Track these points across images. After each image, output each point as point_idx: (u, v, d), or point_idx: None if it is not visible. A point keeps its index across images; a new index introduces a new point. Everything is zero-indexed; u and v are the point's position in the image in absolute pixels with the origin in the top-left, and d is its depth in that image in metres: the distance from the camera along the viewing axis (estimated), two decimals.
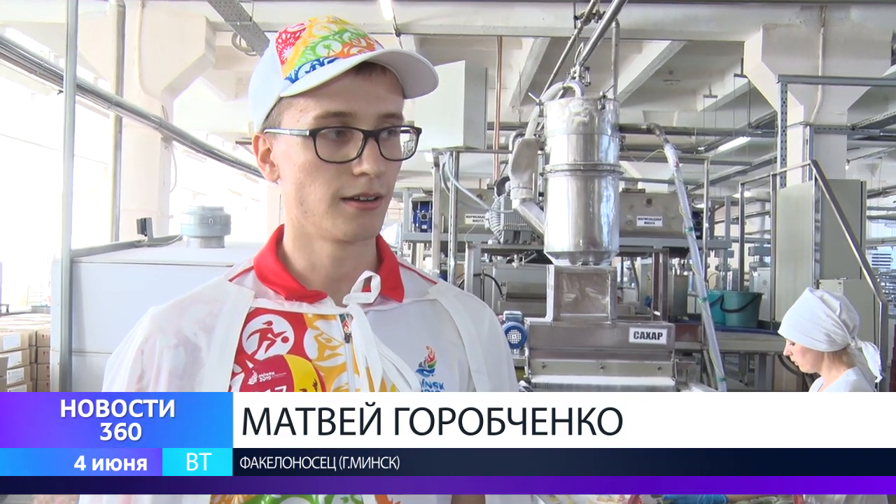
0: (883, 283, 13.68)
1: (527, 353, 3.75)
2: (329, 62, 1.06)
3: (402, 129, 1.13)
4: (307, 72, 1.07)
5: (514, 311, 3.94)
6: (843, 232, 6.21)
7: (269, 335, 1.14)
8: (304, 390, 1.11)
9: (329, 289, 1.16)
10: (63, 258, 3.69)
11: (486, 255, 7.13)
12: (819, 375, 3.07)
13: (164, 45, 8.52)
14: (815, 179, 6.85)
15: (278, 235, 1.21)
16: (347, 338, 1.14)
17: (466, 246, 5.44)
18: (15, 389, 4.13)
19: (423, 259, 9.89)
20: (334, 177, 1.08)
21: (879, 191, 16.64)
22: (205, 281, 1.21)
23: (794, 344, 3.02)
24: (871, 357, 2.88)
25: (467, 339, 1.22)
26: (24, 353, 4.25)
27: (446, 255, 5.58)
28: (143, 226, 4.56)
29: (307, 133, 1.07)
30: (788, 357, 3.14)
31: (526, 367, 3.72)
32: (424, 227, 7.37)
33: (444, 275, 5.30)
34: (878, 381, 2.89)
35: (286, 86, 1.08)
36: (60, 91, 4.38)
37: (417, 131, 1.18)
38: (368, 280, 1.16)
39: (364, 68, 1.07)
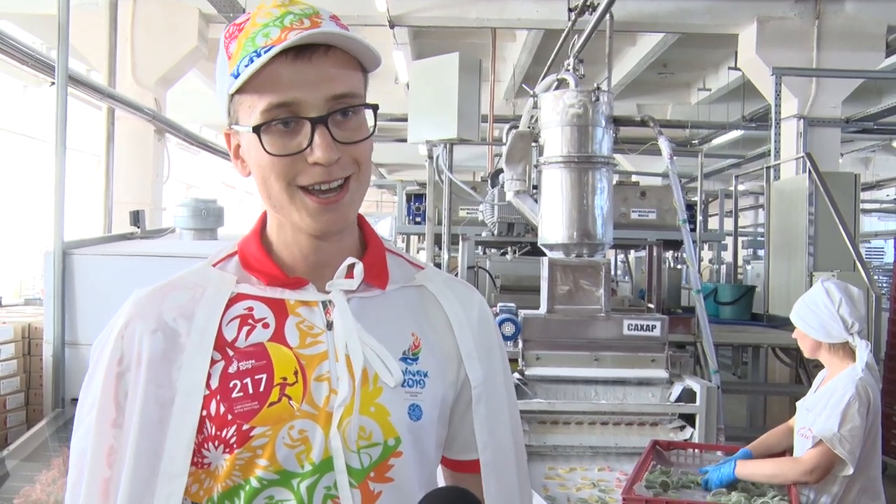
0: (876, 277, 13.70)
1: (520, 345, 3.76)
2: (265, 51, 1.02)
3: (356, 107, 1.07)
4: (246, 65, 1.03)
5: (507, 303, 3.95)
6: (837, 225, 6.21)
7: (250, 321, 1.12)
8: (285, 379, 1.09)
9: (311, 275, 1.14)
10: (56, 250, 3.67)
11: (479, 247, 7.12)
12: (821, 367, 3.07)
13: (157, 37, 8.48)
14: (809, 172, 6.85)
15: (263, 220, 1.19)
16: (329, 325, 1.12)
17: (460, 238, 5.43)
18: (8, 381, 4.12)
19: (418, 252, 9.89)
20: (289, 167, 1.05)
21: (873, 184, 16.67)
22: None
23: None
24: (860, 355, 2.86)
25: (457, 325, 1.20)
26: (17, 345, 4.24)
27: (440, 248, 5.58)
28: (136, 218, 4.54)
29: (251, 129, 1.05)
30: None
31: (520, 359, 3.73)
32: (418, 219, 7.37)
33: (437, 267, 5.28)
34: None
35: (231, 82, 1.06)
36: (52, 83, 4.36)
37: (373, 107, 1.11)
38: (352, 266, 1.14)
39: (304, 51, 1.03)
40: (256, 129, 1.04)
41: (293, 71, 1.03)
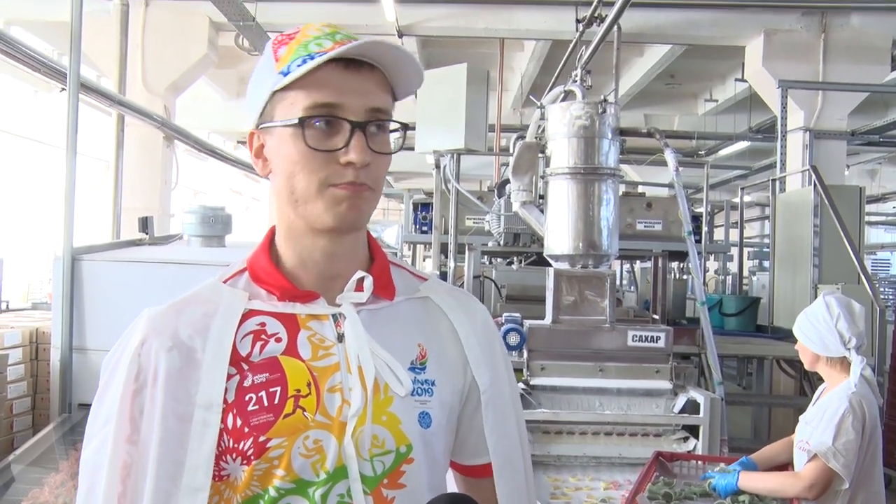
0: (882, 289, 13.67)
1: (525, 355, 3.76)
2: (319, 56, 1.08)
3: (391, 123, 1.14)
4: (298, 65, 1.09)
5: (513, 313, 3.96)
6: (842, 237, 6.22)
7: (263, 336, 1.14)
8: (298, 391, 1.11)
9: (321, 288, 1.17)
10: (64, 256, 3.70)
11: (485, 257, 7.14)
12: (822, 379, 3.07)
13: (167, 44, 8.54)
14: (815, 184, 6.86)
15: (271, 235, 1.22)
16: (340, 337, 1.15)
17: (466, 248, 5.44)
18: (15, 386, 4.15)
19: (424, 260, 9.90)
20: (322, 165, 1.10)
21: (879, 196, 16.65)
22: (205, 279, 1.22)
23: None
24: (854, 370, 2.86)
25: (463, 334, 1.23)
26: (25, 350, 4.26)
27: (446, 257, 5.60)
28: (145, 224, 4.57)
29: (296, 121, 1.09)
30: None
31: (525, 370, 3.73)
32: (425, 228, 7.38)
33: (443, 276, 5.31)
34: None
35: (279, 80, 1.10)
36: (63, 89, 4.40)
37: (405, 127, 1.18)
38: (361, 280, 1.17)
39: (353, 63, 1.09)
40: (302, 121, 1.09)
41: (342, 78, 1.09)
